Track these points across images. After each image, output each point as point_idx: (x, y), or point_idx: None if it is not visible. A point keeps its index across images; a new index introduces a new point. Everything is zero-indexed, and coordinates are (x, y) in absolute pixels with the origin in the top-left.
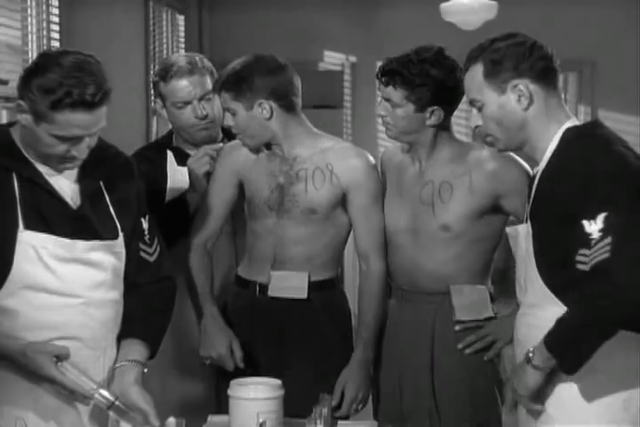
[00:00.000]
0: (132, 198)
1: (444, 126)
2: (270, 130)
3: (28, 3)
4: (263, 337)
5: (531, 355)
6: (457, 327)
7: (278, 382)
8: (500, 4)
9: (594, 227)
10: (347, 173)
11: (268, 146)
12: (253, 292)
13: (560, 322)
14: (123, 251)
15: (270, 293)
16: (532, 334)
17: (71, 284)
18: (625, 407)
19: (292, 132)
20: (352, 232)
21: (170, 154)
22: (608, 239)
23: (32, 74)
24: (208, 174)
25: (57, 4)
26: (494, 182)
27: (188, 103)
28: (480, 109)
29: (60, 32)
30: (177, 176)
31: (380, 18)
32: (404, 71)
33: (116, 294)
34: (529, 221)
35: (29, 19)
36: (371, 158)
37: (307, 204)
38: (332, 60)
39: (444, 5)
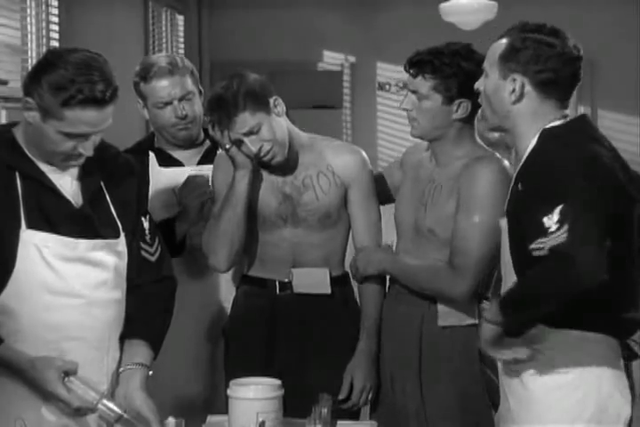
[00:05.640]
0: (132, 198)
1: (469, 123)
2: (288, 131)
3: (28, 3)
4: (285, 334)
5: (485, 306)
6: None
7: (278, 382)
8: (499, 5)
9: (552, 220)
10: (345, 170)
11: None
12: (273, 290)
13: (517, 284)
14: (124, 250)
15: (296, 289)
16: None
17: (74, 283)
18: (581, 408)
19: (292, 136)
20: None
21: (152, 155)
22: (565, 227)
23: (42, 70)
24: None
25: (56, 4)
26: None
27: (168, 103)
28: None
29: (59, 32)
30: (159, 177)
31: (379, 18)
32: (435, 61)
33: (118, 294)
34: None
35: (29, 19)
36: (364, 154)
37: (321, 211)
38: (332, 60)
39: (443, 5)
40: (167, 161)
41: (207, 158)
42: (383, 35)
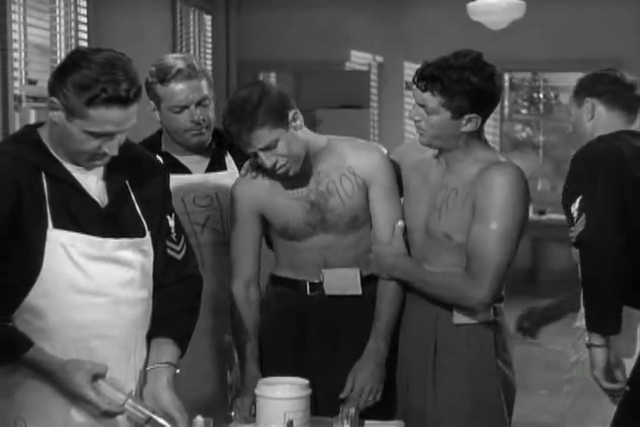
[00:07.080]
0: (157, 197)
1: (477, 132)
2: (305, 143)
3: (57, 3)
4: (316, 334)
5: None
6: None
7: (305, 381)
8: (527, 4)
9: (574, 208)
10: (365, 170)
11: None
12: (304, 291)
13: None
14: (150, 249)
15: (327, 291)
16: None
17: (101, 282)
18: None
19: (311, 144)
20: None
21: (159, 159)
22: (583, 216)
23: (66, 70)
24: None
25: (85, 4)
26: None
27: (185, 108)
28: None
29: (87, 32)
30: None
31: (406, 17)
32: (444, 78)
33: (145, 293)
34: None
35: (58, 19)
36: (384, 151)
37: (349, 215)
38: (359, 59)
39: (470, 5)
40: (174, 167)
41: (214, 165)
42: (410, 34)
